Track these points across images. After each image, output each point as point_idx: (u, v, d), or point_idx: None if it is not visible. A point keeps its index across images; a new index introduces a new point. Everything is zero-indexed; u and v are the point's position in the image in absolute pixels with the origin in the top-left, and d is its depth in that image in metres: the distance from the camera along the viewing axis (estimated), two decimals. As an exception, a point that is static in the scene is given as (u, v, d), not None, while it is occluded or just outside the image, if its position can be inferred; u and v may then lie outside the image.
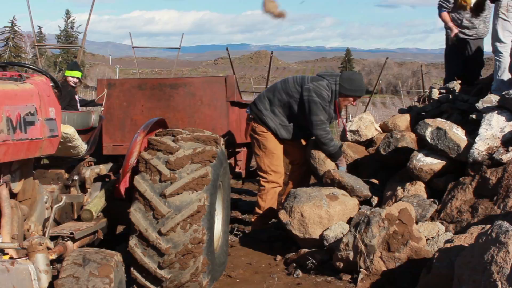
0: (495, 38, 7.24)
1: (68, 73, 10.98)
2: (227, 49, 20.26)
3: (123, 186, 5.19)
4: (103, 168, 5.73)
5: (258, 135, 7.25)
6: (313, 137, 7.26)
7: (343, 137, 8.29)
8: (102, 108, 7.28)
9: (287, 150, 7.42)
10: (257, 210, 7.40)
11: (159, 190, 4.72)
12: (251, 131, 7.29)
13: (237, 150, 7.96)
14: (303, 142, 7.56)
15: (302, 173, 7.61)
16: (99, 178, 5.60)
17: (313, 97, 6.98)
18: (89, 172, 5.41)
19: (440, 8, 9.27)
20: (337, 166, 7.14)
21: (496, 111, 6.28)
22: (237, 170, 8.24)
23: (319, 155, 7.19)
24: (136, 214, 4.71)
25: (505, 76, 7.22)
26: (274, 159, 7.29)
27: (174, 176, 4.76)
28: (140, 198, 4.74)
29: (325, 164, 7.14)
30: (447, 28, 9.29)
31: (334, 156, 7.15)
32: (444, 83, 9.48)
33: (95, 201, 5.21)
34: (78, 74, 10.91)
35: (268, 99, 7.24)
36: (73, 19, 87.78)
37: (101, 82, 7.56)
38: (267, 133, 7.23)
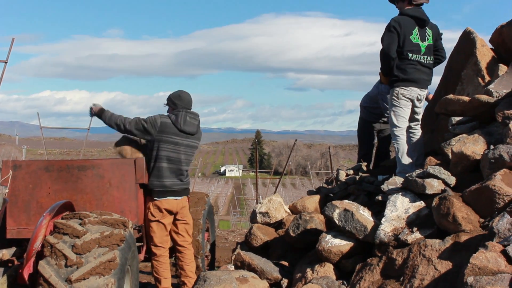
0: (391, 124, 7.56)
1: None
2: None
3: (26, 272, 5.03)
4: (6, 253, 5.54)
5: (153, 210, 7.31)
6: None
7: (253, 219, 8.32)
8: (7, 191, 7.06)
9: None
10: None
11: (65, 275, 4.60)
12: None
13: (146, 233, 7.85)
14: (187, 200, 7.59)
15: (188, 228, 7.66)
16: (1, 263, 5.41)
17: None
18: (-9, 257, 5.23)
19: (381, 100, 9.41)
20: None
21: (400, 193, 6.46)
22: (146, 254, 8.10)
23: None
24: (40, 301, 4.56)
25: (405, 159, 7.48)
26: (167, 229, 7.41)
27: (81, 260, 4.66)
28: (45, 284, 4.60)
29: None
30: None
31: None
32: (358, 161, 9.61)
33: (-4, 287, 5.02)
34: None
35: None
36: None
37: (6, 163, 7.36)
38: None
